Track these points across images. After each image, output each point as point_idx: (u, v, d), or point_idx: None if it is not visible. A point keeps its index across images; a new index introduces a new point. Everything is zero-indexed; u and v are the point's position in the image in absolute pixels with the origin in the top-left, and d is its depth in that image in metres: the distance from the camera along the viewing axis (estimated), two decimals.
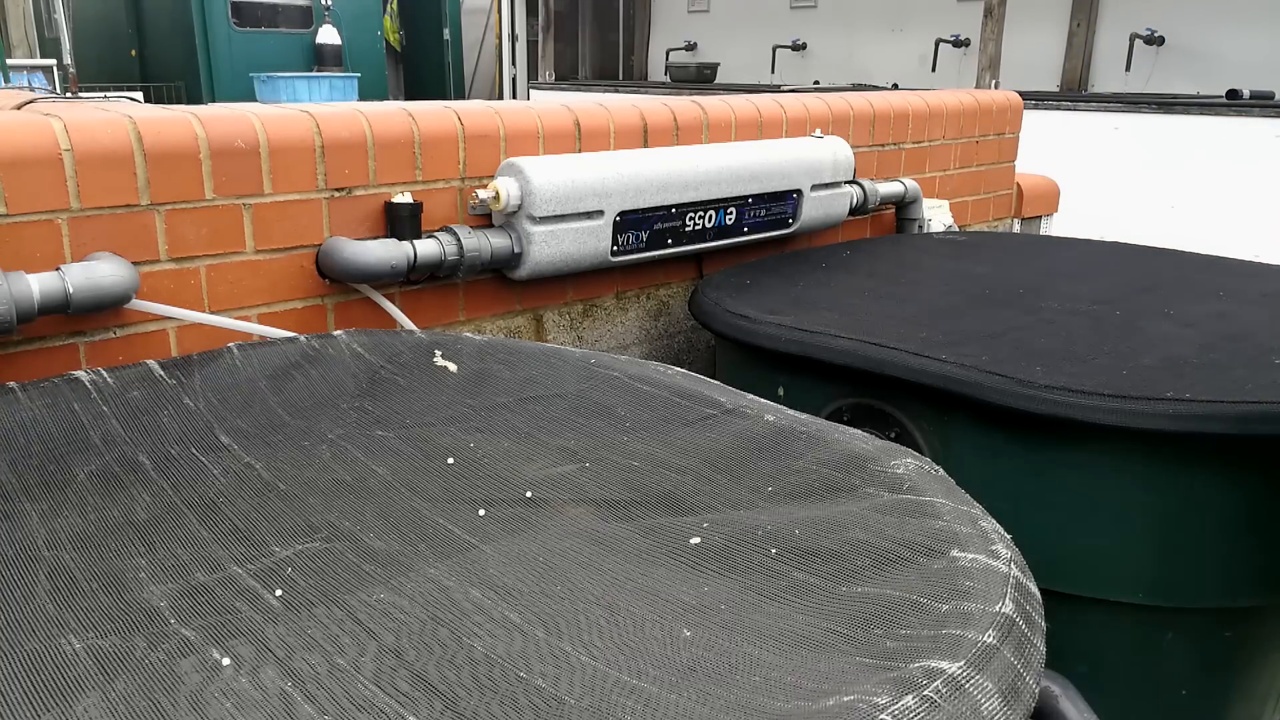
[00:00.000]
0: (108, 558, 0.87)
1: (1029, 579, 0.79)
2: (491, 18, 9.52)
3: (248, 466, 1.05)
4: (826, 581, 0.81)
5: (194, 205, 1.40)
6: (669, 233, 1.90)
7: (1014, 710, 0.64)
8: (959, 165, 2.78)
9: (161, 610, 0.79)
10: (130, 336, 1.39)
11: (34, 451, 1.05)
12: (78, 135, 1.29)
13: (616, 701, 0.66)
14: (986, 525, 0.85)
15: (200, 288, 1.44)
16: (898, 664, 0.66)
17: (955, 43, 6.56)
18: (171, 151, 1.37)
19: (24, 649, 0.73)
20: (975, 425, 1.44)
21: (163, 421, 1.13)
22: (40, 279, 1.23)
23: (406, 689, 0.69)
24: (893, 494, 0.92)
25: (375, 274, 1.53)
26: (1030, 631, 0.72)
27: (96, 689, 0.68)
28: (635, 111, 1.96)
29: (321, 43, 8.37)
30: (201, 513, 0.95)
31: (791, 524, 0.90)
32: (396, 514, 0.96)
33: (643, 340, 2.09)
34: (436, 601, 0.80)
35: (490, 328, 1.81)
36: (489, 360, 1.32)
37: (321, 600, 0.80)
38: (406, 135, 1.61)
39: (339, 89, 7.78)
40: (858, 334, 1.51)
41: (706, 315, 1.73)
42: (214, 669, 0.70)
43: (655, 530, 0.92)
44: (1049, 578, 0.98)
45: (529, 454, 1.09)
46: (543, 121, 1.80)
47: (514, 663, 0.72)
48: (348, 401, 1.22)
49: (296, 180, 1.50)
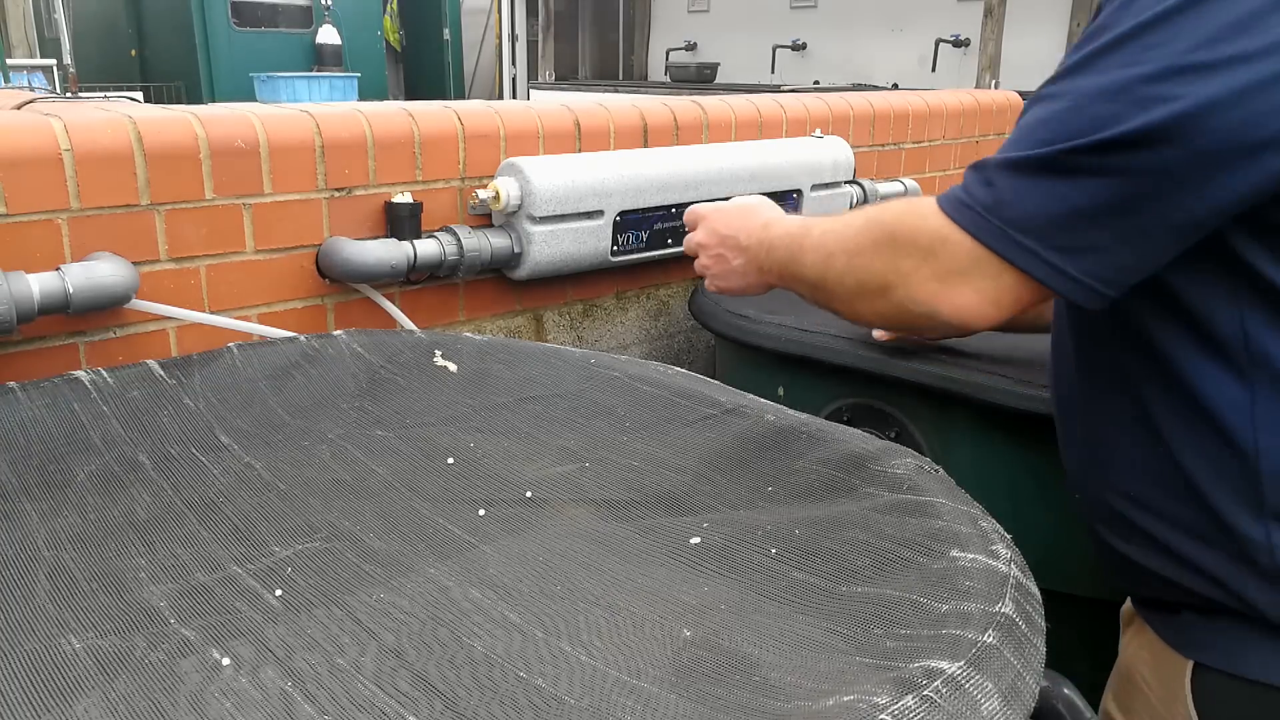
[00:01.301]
0: (108, 558, 0.87)
1: (1029, 579, 0.79)
2: (491, 18, 9.53)
3: (248, 466, 1.05)
4: (826, 581, 0.81)
5: (194, 205, 1.40)
6: (669, 233, 1.90)
7: (1014, 710, 0.64)
8: (959, 165, 2.78)
9: (161, 610, 0.79)
10: (130, 336, 1.39)
11: (34, 451, 1.05)
12: (78, 135, 1.29)
13: (616, 701, 0.66)
14: (986, 525, 0.85)
15: (200, 288, 1.44)
16: (898, 664, 0.67)
17: (955, 43, 6.57)
18: (171, 151, 1.37)
19: (24, 649, 0.73)
20: (975, 425, 1.44)
21: (163, 421, 1.13)
22: (40, 279, 1.23)
23: (407, 689, 0.69)
24: (893, 494, 0.92)
25: (375, 274, 1.53)
26: (1030, 631, 0.72)
27: (96, 689, 0.68)
28: (635, 111, 1.96)
29: (321, 43, 8.38)
30: (201, 513, 0.95)
31: (791, 524, 0.90)
32: (396, 514, 0.96)
33: (643, 340, 2.09)
34: (436, 601, 0.80)
35: (490, 328, 1.81)
36: (489, 360, 1.32)
37: (321, 600, 0.80)
38: (406, 135, 1.61)
39: (339, 89, 7.78)
40: (858, 334, 1.51)
41: (706, 315, 1.73)
42: (214, 669, 0.70)
43: (655, 530, 0.92)
44: (1049, 578, 0.98)
45: (529, 454, 1.09)
46: (543, 121, 1.80)
47: (514, 663, 0.72)
48: (348, 401, 1.22)
49: (296, 180, 1.50)
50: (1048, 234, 0.82)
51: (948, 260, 0.89)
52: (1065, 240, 0.82)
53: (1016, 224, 0.83)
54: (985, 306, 0.88)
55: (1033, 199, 0.82)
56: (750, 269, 1.22)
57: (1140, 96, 0.76)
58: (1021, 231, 0.83)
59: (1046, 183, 0.81)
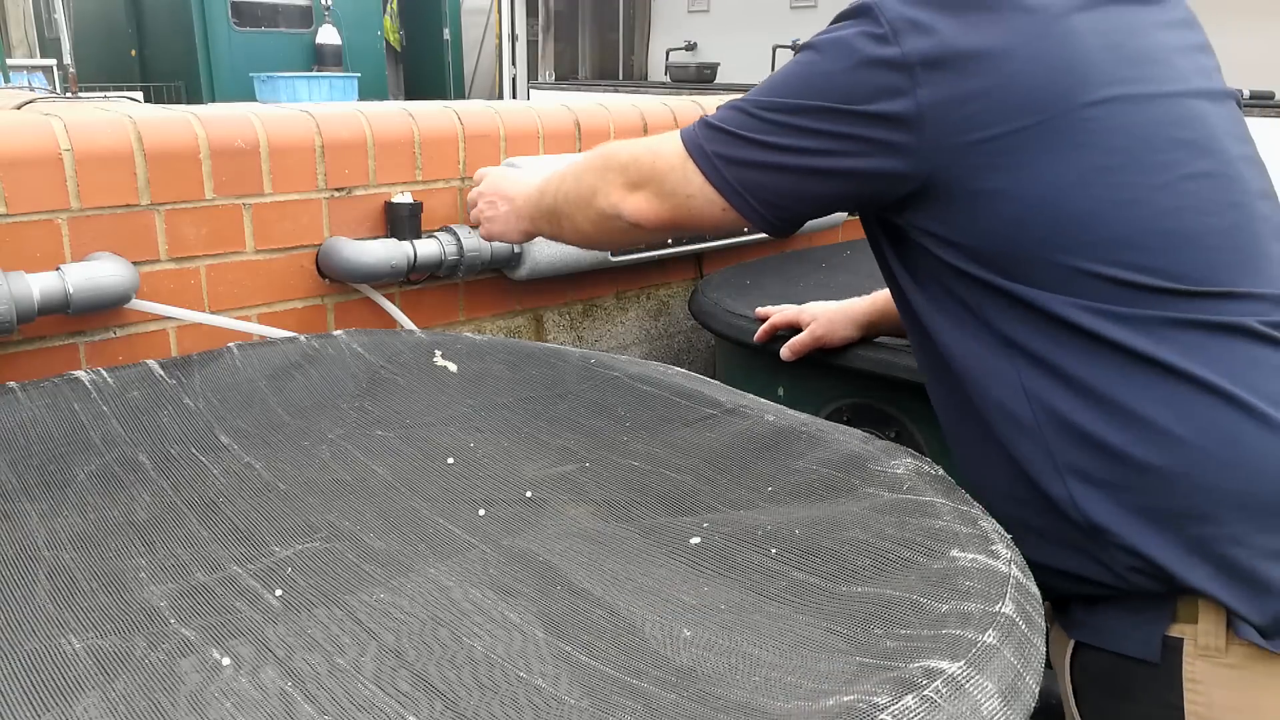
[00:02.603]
0: (108, 558, 0.87)
1: (1029, 579, 0.79)
2: (491, 18, 9.52)
3: (248, 466, 1.05)
4: (826, 581, 0.81)
5: (194, 205, 1.40)
6: None
7: (1014, 710, 0.64)
8: None
9: (161, 610, 0.79)
10: (130, 336, 1.39)
11: (34, 451, 1.05)
12: (78, 135, 1.29)
13: (616, 701, 0.67)
14: (986, 525, 0.85)
15: (200, 288, 1.44)
16: (898, 664, 0.67)
17: None
18: (171, 151, 1.37)
19: (24, 649, 0.73)
20: None
21: (163, 421, 1.13)
22: (40, 279, 1.23)
23: (407, 689, 0.69)
24: (892, 494, 0.92)
25: (375, 274, 1.53)
26: (1030, 631, 0.72)
27: (96, 689, 0.68)
28: (635, 111, 1.96)
29: (321, 43, 8.37)
30: (201, 513, 0.95)
31: (791, 524, 0.90)
32: (396, 514, 0.96)
33: (643, 340, 2.09)
34: (436, 601, 0.80)
35: (490, 328, 1.81)
36: (489, 360, 1.32)
37: (321, 600, 0.80)
38: (406, 135, 1.61)
39: (339, 89, 7.77)
40: None
41: (706, 315, 1.73)
42: (214, 669, 0.70)
43: (655, 530, 0.92)
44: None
45: (529, 454, 1.09)
46: (543, 121, 1.80)
47: (514, 663, 0.72)
48: (348, 401, 1.22)
49: (296, 180, 1.50)
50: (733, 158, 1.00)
51: (635, 173, 1.08)
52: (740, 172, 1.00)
53: (713, 142, 1.01)
54: (660, 209, 1.07)
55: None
56: (511, 215, 1.35)
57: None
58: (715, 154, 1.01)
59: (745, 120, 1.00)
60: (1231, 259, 0.90)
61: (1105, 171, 0.89)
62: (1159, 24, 0.96)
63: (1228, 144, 0.94)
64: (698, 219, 1.05)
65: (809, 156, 0.96)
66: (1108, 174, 0.89)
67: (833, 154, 0.95)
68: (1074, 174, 0.89)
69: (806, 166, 0.96)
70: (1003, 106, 0.89)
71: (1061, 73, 0.89)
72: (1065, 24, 0.90)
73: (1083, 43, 0.90)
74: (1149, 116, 0.90)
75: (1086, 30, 0.90)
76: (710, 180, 1.01)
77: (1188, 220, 0.90)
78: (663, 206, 1.06)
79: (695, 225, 1.07)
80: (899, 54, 0.90)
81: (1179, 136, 0.91)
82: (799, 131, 0.95)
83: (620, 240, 1.29)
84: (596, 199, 1.13)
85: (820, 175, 0.97)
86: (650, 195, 1.07)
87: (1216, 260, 0.90)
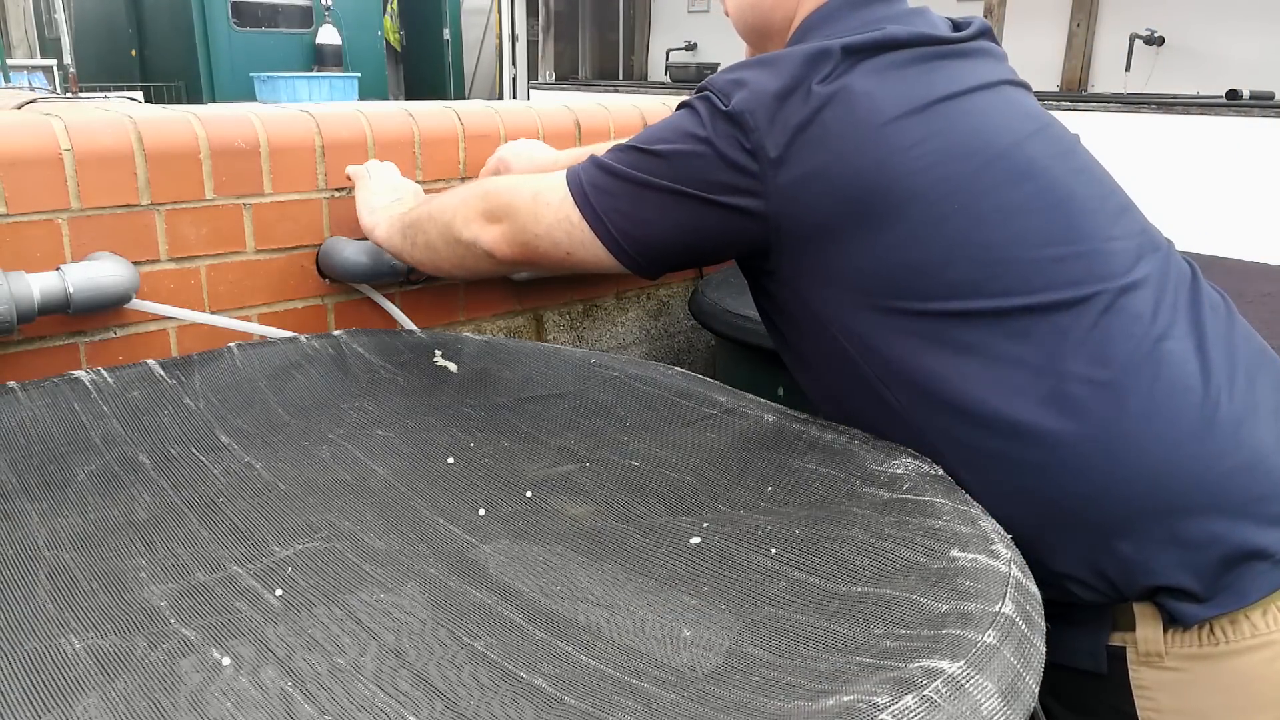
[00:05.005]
0: (108, 557, 0.87)
1: (1029, 579, 0.79)
2: (491, 18, 9.52)
3: (248, 466, 1.05)
4: (826, 581, 0.81)
5: (194, 205, 1.40)
6: None
7: (1014, 710, 0.64)
8: None
9: (161, 610, 0.79)
10: (130, 336, 1.39)
11: (34, 451, 1.05)
12: (78, 135, 1.29)
13: (616, 701, 0.67)
14: (986, 525, 0.85)
15: (200, 287, 1.44)
16: (898, 664, 0.67)
17: None
18: (172, 151, 1.37)
19: (24, 649, 0.73)
20: None
21: (163, 421, 1.13)
22: (40, 279, 1.23)
23: (407, 689, 0.69)
24: (892, 494, 0.92)
25: (375, 274, 1.53)
26: (1030, 631, 0.72)
27: (96, 689, 0.68)
28: (635, 111, 1.96)
29: (321, 43, 8.37)
30: (201, 513, 0.96)
31: (791, 524, 0.90)
32: (396, 514, 0.96)
33: (643, 340, 2.09)
34: (436, 601, 0.80)
35: (490, 328, 1.81)
36: (489, 360, 1.32)
37: (322, 600, 0.80)
38: (406, 135, 1.61)
39: (339, 89, 7.78)
40: None
41: (706, 315, 1.73)
42: (214, 669, 0.71)
43: (655, 530, 0.92)
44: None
45: (529, 454, 1.09)
46: (543, 121, 1.80)
47: (514, 663, 0.72)
48: (348, 401, 1.22)
49: (297, 180, 1.50)
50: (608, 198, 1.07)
51: (497, 203, 1.15)
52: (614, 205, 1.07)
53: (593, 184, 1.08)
54: (512, 242, 1.14)
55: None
56: (360, 203, 1.42)
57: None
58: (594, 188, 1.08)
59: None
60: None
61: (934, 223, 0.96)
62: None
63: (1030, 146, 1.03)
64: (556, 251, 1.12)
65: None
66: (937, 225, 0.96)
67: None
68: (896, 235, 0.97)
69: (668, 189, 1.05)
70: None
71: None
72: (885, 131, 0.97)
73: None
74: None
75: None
76: (583, 213, 1.08)
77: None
78: (516, 232, 1.13)
79: (551, 257, 1.13)
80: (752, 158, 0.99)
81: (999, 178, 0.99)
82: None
83: (474, 268, 1.29)
84: (455, 224, 1.20)
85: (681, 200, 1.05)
86: (507, 224, 1.14)
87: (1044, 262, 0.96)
